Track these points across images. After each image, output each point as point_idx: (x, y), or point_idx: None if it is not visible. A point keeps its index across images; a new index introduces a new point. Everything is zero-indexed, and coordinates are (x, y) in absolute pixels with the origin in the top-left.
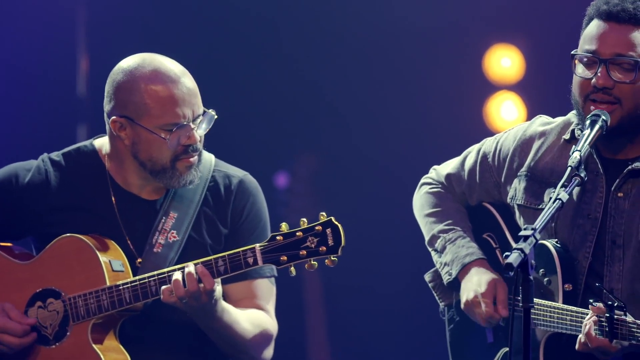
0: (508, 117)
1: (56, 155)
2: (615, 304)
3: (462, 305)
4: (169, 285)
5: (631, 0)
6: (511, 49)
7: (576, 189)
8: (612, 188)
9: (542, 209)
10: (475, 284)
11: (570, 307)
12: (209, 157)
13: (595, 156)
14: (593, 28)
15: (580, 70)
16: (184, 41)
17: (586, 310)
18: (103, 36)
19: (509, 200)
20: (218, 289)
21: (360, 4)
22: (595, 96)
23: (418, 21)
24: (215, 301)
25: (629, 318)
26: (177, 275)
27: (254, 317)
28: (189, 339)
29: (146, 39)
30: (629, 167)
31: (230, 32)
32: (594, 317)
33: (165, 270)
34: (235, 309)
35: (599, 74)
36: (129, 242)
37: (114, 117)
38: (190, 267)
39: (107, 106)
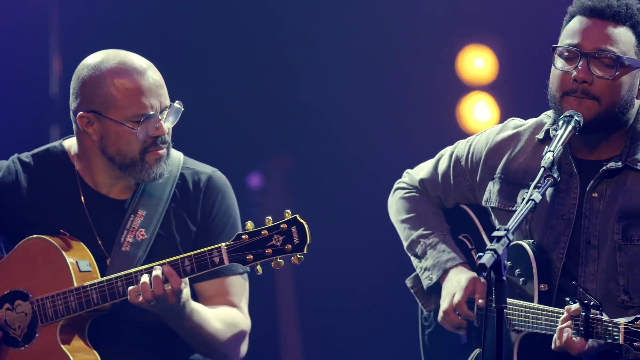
0: (481, 118)
1: (26, 156)
2: (591, 303)
3: (440, 313)
4: (135, 286)
5: None
6: (484, 49)
7: (550, 190)
8: (587, 189)
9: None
10: (455, 282)
11: (546, 307)
12: (177, 155)
13: (569, 157)
14: (576, 23)
15: (560, 64)
16: (158, 41)
17: (561, 310)
18: (75, 37)
19: (484, 203)
20: (186, 290)
21: (335, 5)
22: (574, 94)
23: (392, 22)
24: (184, 302)
25: (605, 317)
26: (145, 278)
27: (225, 314)
28: (158, 338)
29: (119, 40)
30: (604, 168)
31: (205, 31)
32: (567, 322)
33: (133, 270)
34: (206, 307)
35: (579, 67)
36: (99, 241)
37: (80, 113)
38: (157, 270)
39: (73, 103)
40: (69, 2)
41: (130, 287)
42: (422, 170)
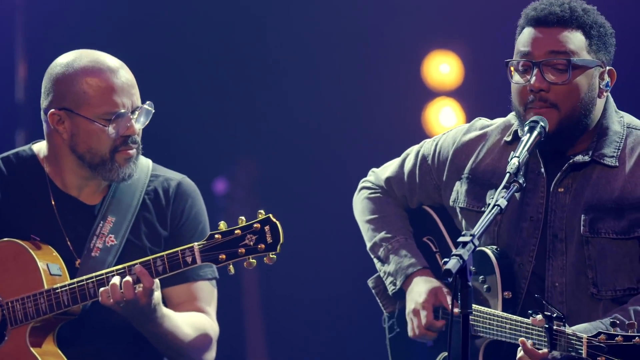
0: (446, 123)
1: None
2: (555, 315)
3: (407, 315)
4: (107, 288)
5: (559, 3)
6: (450, 55)
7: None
8: (553, 184)
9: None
10: (417, 294)
11: (510, 316)
12: (146, 162)
13: (538, 155)
14: (525, 35)
15: (516, 78)
16: (123, 46)
17: (525, 319)
18: (41, 42)
19: (451, 203)
20: (157, 294)
21: (301, 11)
22: (533, 105)
23: (358, 28)
24: (155, 305)
25: (568, 329)
26: (115, 280)
27: (194, 320)
28: (128, 342)
29: (85, 45)
30: (571, 161)
31: (172, 38)
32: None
33: (104, 272)
34: (176, 313)
35: (533, 77)
36: (69, 244)
37: (52, 110)
38: (127, 277)
39: (44, 102)
40: (34, 8)
41: (102, 289)
42: (388, 168)
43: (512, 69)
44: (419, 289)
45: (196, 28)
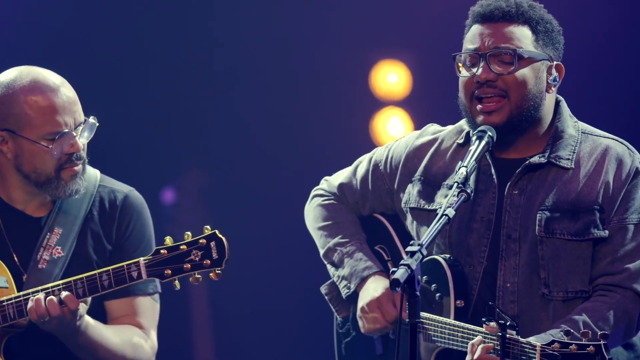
0: (395, 133)
1: None
2: (508, 323)
3: (358, 312)
4: (32, 305)
5: (505, 0)
6: (398, 65)
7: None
8: (508, 185)
9: (434, 210)
10: (373, 290)
11: (462, 324)
12: (94, 173)
13: (488, 158)
14: (472, 31)
15: (463, 72)
16: (69, 57)
17: (478, 327)
18: None
19: (402, 204)
20: (83, 306)
21: (248, 20)
22: (480, 92)
23: (306, 37)
24: (79, 318)
25: (522, 339)
26: (39, 295)
27: (126, 333)
28: (74, 355)
29: (30, 56)
30: (527, 162)
31: (116, 48)
32: (482, 342)
33: (50, 285)
34: (102, 324)
35: (480, 69)
36: (15, 258)
37: None
38: (50, 296)
39: None
40: None
41: (29, 306)
42: (341, 176)
43: (459, 64)
44: (375, 286)
45: (143, 38)
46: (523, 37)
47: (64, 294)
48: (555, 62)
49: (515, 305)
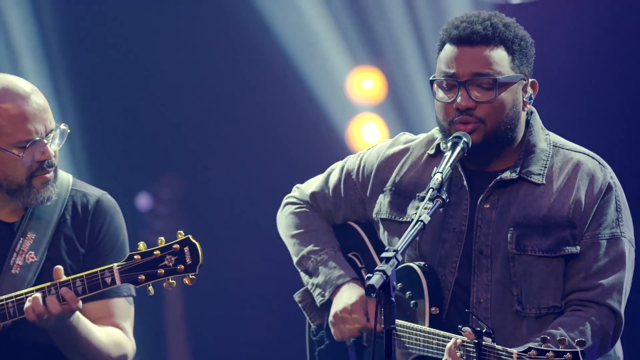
0: (370, 139)
1: None
2: (484, 330)
3: (330, 318)
4: (30, 304)
5: (480, 21)
6: (373, 71)
7: None
8: (479, 199)
9: (406, 222)
10: (346, 297)
11: (437, 331)
12: (66, 177)
13: (459, 169)
14: (448, 52)
15: (440, 94)
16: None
17: (453, 335)
18: None
19: (374, 215)
20: (79, 302)
21: (220, 27)
22: (459, 119)
23: (280, 42)
24: (72, 311)
25: (498, 346)
26: (37, 294)
27: (109, 332)
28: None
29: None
30: (498, 178)
31: (94, 53)
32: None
33: (24, 291)
34: (89, 321)
35: (459, 97)
36: None
37: None
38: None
39: None
40: None
41: (26, 305)
42: (313, 184)
43: (435, 85)
44: (348, 293)
45: (119, 44)
46: (501, 60)
47: (65, 291)
48: (530, 80)
49: (489, 322)
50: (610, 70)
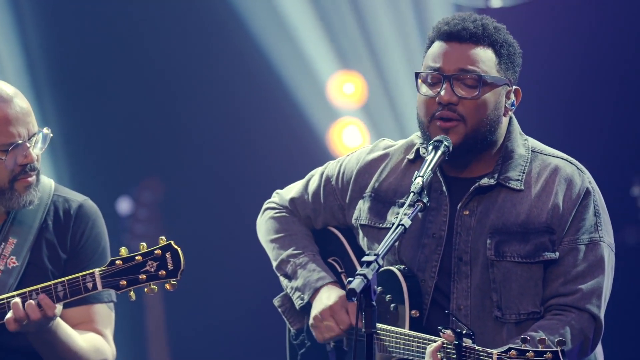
0: (351, 144)
1: None
2: (464, 331)
3: (311, 321)
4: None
5: (472, 19)
6: (354, 75)
7: None
8: (458, 206)
9: (386, 228)
10: (325, 299)
11: (417, 334)
12: (48, 182)
13: (439, 174)
14: (436, 48)
15: (424, 89)
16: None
17: (434, 337)
18: None
19: (353, 221)
20: (59, 307)
21: (204, 33)
22: (440, 114)
23: (261, 46)
24: (48, 318)
25: (478, 347)
26: (17, 299)
27: (89, 337)
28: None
29: None
30: (476, 185)
31: (75, 56)
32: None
33: (5, 296)
34: (69, 326)
35: (443, 90)
36: None
37: None
38: (30, 301)
39: None
40: None
41: (8, 316)
42: (292, 190)
43: (420, 80)
44: (328, 295)
45: (99, 49)
46: (487, 60)
47: (42, 298)
48: (514, 87)
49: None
50: (590, 75)
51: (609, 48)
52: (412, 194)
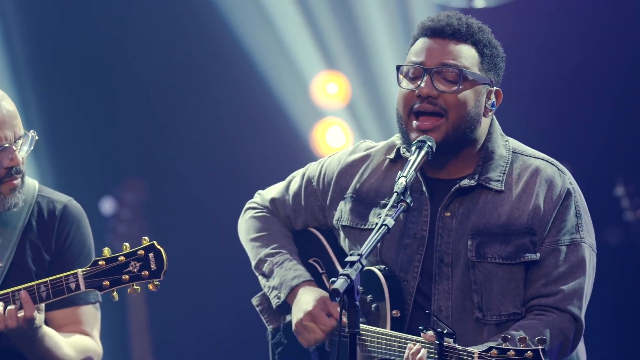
0: (334, 143)
1: None
2: (445, 331)
3: (293, 327)
4: None
5: (457, 17)
6: (337, 75)
7: None
8: (439, 208)
9: (368, 229)
10: (304, 303)
11: (398, 334)
12: (32, 183)
13: (419, 175)
14: (419, 43)
15: (405, 83)
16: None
17: (414, 337)
18: None
19: (334, 222)
20: (40, 316)
21: (187, 34)
22: (419, 107)
23: (244, 46)
24: (36, 327)
25: (459, 346)
26: None
27: (77, 341)
28: None
29: None
30: (457, 186)
31: (59, 57)
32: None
33: None
34: (57, 333)
35: (423, 83)
36: None
37: None
38: (10, 305)
39: None
40: None
41: None
42: (274, 190)
43: (401, 75)
44: (306, 299)
45: (84, 48)
46: (470, 57)
47: (24, 296)
48: (495, 88)
49: None
50: (574, 75)
51: (593, 48)
52: (395, 194)
